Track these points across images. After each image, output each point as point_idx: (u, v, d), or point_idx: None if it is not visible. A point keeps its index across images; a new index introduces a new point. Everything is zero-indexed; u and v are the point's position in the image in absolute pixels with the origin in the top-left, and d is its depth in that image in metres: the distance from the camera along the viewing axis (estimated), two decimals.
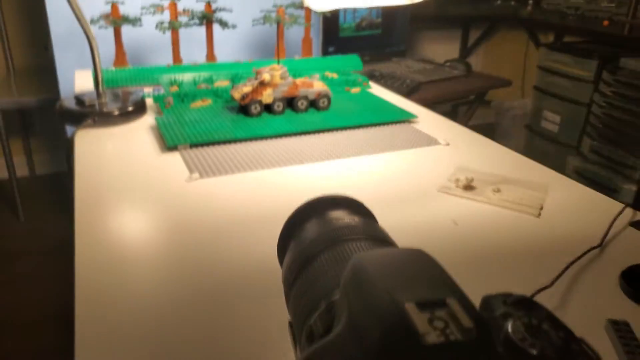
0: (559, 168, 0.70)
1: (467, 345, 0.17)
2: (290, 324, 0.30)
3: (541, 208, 0.59)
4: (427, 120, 0.89)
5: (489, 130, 2.65)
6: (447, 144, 0.78)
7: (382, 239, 0.29)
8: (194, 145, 0.72)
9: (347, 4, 0.51)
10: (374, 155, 0.73)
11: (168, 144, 0.70)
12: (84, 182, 0.62)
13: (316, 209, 0.33)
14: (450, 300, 0.19)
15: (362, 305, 0.19)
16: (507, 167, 0.70)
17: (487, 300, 0.22)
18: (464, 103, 2.18)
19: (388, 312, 0.18)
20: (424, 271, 0.21)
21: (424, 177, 0.67)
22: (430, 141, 0.78)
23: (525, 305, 0.21)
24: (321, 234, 0.30)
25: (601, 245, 0.51)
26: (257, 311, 0.41)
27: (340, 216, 0.32)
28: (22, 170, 2.16)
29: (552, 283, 0.43)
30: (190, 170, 0.65)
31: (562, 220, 0.57)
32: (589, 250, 0.50)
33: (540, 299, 0.43)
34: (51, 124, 2.15)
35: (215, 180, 0.63)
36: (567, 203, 0.61)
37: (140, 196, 0.59)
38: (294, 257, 0.30)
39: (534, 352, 0.18)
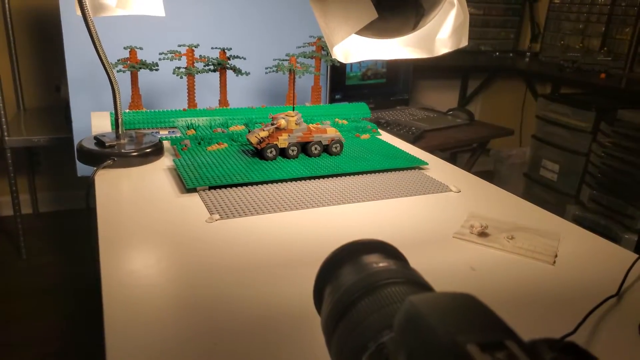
0: (559, 216, 0.72)
1: None
2: None
3: (555, 256, 0.60)
4: (437, 167, 0.91)
5: (487, 178, 2.69)
6: (459, 191, 0.80)
7: (420, 283, 0.30)
8: (213, 187, 0.74)
9: (371, 57, 0.54)
10: (387, 201, 0.74)
11: (187, 186, 0.72)
12: (106, 222, 0.63)
13: (349, 254, 0.34)
14: (509, 342, 0.20)
15: (422, 347, 0.20)
16: (517, 214, 0.72)
17: (533, 345, 0.23)
18: (464, 151, 2.23)
19: (452, 353, 0.19)
20: (477, 314, 0.22)
21: (438, 223, 0.68)
22: (442, 188, 0.80)
23: (572, 350, 0.22)
24: (360, 278, 0.31)
25: (618, 294, 0.52)
26: (286, 353, 0.42)
27: (376, 260, 0.33)
28: (26, 208, 2.16)
29: (575, 330, 0.44)
30: (211, 212, 0.66)
31: (577, 268, 0.58)
32: (607, 299, 0.50)
33: None
34: (57, 162, 2.18)
35: (235, 222, 0.64)
36: (580, 251, 0.63)
37: (162, 236, 0.60)
38: (333, 304, 0.31)
39: None
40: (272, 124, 0.84)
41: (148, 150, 0.84)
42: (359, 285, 0.30)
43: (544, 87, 2.83)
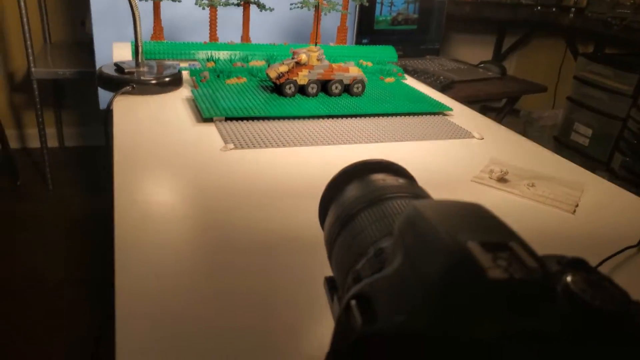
0: (585, 169, 0.69)
1: (532, 284, 0.17)
2: (326, 280, 0.30)
3: (576, 205, 0.58)
4: (462, 114, 0.88)
5: None
6: (482, 138, 0.77)
7: (427, 198, 0.29)
8: (229, 118, 0.73)
9: None
10: (406, 143, 0.72)
11: (204, 115, 0.71)
12: (123, 147, 0.63)
13: (358, 171, 0.33)
14: (513, 244, 0.18)
15: (421, 244, 0.19)
16: (542, 164, 0.69)
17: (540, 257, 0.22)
18: (493, 109, 2.15)
19: (450, 248, 0.18)
20: (483, 219, 0.20)
21: (457, 168, 0.66)
22: (465, 134, 0.77)
23: (580, 265, 0.21)
24: (364, 193, 0.29)
25: (638, 244, 0.50)
26: (289, 271, 0.41)
27: (382, 177, 0.31)
28: (52, 141, 2.21)
29: None
30: (225, 141, 0.65)
31: (598, 218, 0.56)
32: (626, 249, 0.48)
33: None
34: (82, 97, 2.20)
35: (249, 152, 0.64)
36: (603, 202, 0.60)
37: (177, 162, 0.60)
38: (337, 215, 0.30)
39: (596, 302, 0.18)
40: (293, 59, 0.81)
41: (167, 79, 0.83)
42: (363, 198, 0.28)
43: (586, 46, 2.68)
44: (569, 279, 0.19)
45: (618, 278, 0.45)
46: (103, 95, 1.51)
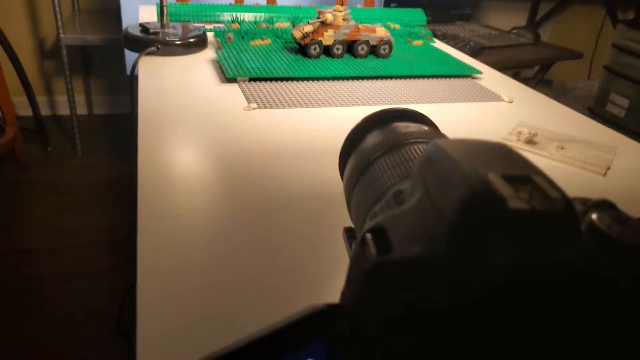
0: (620, 133, 0.66)
1: (554, 215, 0.16)
2: (345, 230, 0.30)
3: (608, 168, 0.56)
4: (491, 77, 0.85)
5: None
6: (511, 101, 0.74)
7: None
8: (253, 79, 0.72)
9: None
10: (434, 104, 0.70)
11: (228, 75, 0.71)
12: (147, 107, 0.63)
13: (380, 120, 0.32)
14: (536, 177, 0.18)
15: (441, 179, 0.19)
16: (573, 128, 0.67)
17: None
18: (525, 79, 2.08)
19: (471, 179, 0.17)
20: (507, 156, 0.20)
21: (485, 130, 0.64)
22: (494, 97, 0.75)
23: (608, 206, 0.20)
24: (385, 139, 0.29)
25: None
26: (310, 222, 0.42)
27: (405, 125, 0.31)
28: (81, 109, 2.25)
29: None
30: (249, 101, 0.65)
31: (630, 181, 0.54)
32: None
33: None
34: (110, 65, 2.22)
35: (272, 112, 0.63)
36: (636, 165, 0.58)
37: (200, 121, 0.60)
38: (356, 162, 0.29)
39: (623, 238, 0.17)
40: (318, 18, 0.80)
41: (192, 40, 0.82)
42: (383, 144, 0.28)
43: (626, 13, 2.54)
44: (594, 216, 0.19)
45: None
46: (130, 61, 1.52)
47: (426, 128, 0.29)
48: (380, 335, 0.17)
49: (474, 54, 1.34)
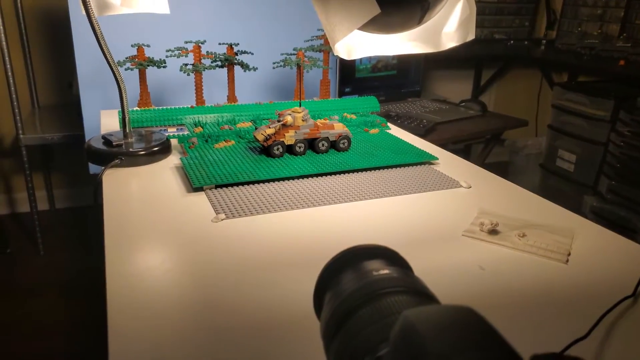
0: (576, 208, 0.70)
1: None
2: None
3: (569, 254, 0.59)
4: (447, 162, 0.89)
5: (503, 169, 2.65)
6: (469, 187, 0.78)
7: (421, 292, 0.29)
8: (219, 185, 0.73)
9: (374, 53, 0.53)
10: (395, 197, 0.73)
11: (194, 185, 0.71)
12: (113, 220, 0.63)
13: (351, 259, 0.33)
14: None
15: None
16: (530, 210, 0.70)
17: None
18: (478, 142, 2.19)
19: None
20: (474, 332, 0.21)
21: (448, 220, 0.67)
22: (452, 184, 0.79)
23: None
24: (360, 286, 0.30)
25: (634, 294, 0.50)
26: (286, 352, 0.41)
27: (377, 267, 0.32)
28: (42, 204, 2.20)
29: (588, 334, 0.43)
30: (217, 211, 0.66)
31: (591, 267, 0.57)
32: (622, 300, 0.49)
33: (575, 350, 0.42)
34: (71, 159, 2.20)
35: (241, 221, 0.64)
36: (595, 249, 0.61)
37: (168, 235, 0.60)
38: (332, 311, 0.30)
39: None
40: (279, 121, 0.83)
41: (155, 148, 0.84)
42: (358, 294, 0.29)
43: (561, 75, 2.77)
44: None
45: (618, 331, 0.46)
46: None
47: (396, 272, 0.31)
48: None
49: (428, 131, 1.42)
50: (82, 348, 1.39)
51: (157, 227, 0.62)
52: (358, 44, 0.52)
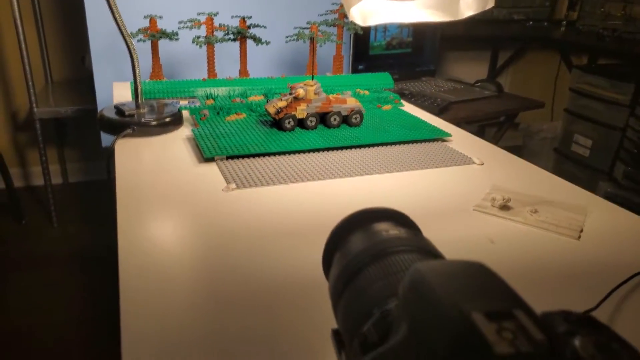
0: (587, 191, 0.69)
1: (539, 357, 0.17)
2: (333, 332, 0.30)
3: (581, 230, 0.58)
4: (460, 139, 0.88)
5: (516, 153, 2.62)
6: (482, 164, 0.77)
7: (431, 252, 0.29)
8: (230, 157, 0.73)
9: (390, 20, 0.52)
10: (407, 172, 0.72)
11: (205, 156, 0.71)
12: (125, 190, 0.63)
13: (361, 221, 0.33)
14: (517, 312, 0.18)
15: (425, 314, 0.19)
16: (543, 188, 0.69)
17: (547, 316, 0.22)
18: (492, 124, 2.16)
19: (455, 321, 0.18)
20: (486, 282, 0.20)
21: (459, 196, 0.66)
22: (465, 160, 0.78)
23: (589, 323, 0.21)
24: (368, 246, 0.30)
25: None
26: (296, 318, 0.41)
27: (386, 228, 0.32)
28: (56, 178, 2.22)
29: (597, 306, 0.42)
30: (227, 181, 0.66)
31: (604, 244, 0.56)
32: (634, 276, 0.48)
33: None
34: (84, 133, 2.22)
35: (251, 191, 0.64)
36: (608, 226, 0.60)
37: (179, 204, 0.60)
38: (341, 269, 0.30)
39: None
40: (291, 94, 0.82)
41: (167, 119, 0.84)
42: (367, 252, 0.29)
43: (580, 58, 2.71)
44: (577, 343, 0.19)
45: (627, 306, 0.45)
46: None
47: (405, 232, 0.30)
48: None
49: (441, 110, 1.40)
50: (95, 315, 1.42)
51: (168, 196, 0.62)
52: (374, 10, 0.51)
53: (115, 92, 1.11)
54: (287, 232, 0.55)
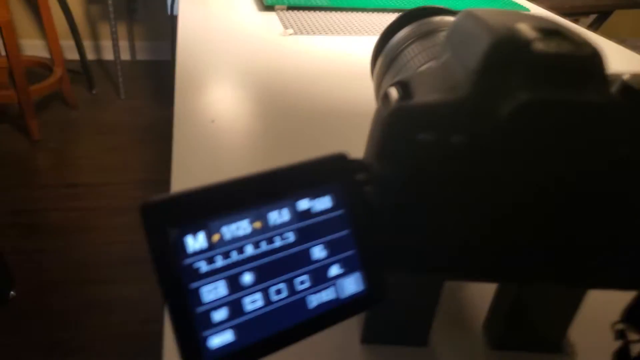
0: None
1: (580, 58, 0.16)
2: None
3: None
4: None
5: None
6: None
7: None
8: (291, 7, 0.72)
9: None
10: None
11: (266, 3, 0.70)
12: (186, 30, 0.64)
13: (415, 15, 0.31)
14: (567, 31, 0.17)
15: (467, 36, 0.19)
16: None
17: None
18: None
19: (496, 28, 0.17)
20: (543, 18, 0.19)
21: None
22: None
23: None
24: (415, 30, 0.29)
25: None
26: (340, 135, 0.42)
27: (440, 18, 0.30)
28: (124, 54, 2.30)
29: None
30: (285, 27, 0.65)
31: None
32: None
33: None
34: (153, 11, 2.24)
35: (308, 38, 0.63)
36: None
37: (238, 46, 0.61)
38: (387, 52, 0.29)
39: None
40: None
41: None
42: (413, 33, 0.28)
43: None
44: (626, 76, 0.18)
45: None
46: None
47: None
48: (396, 178, 0.17)
49: None
50: (152, 179, 1.53)
51: (228, 38, 0.63)
52: None
53: None
54: (339, 75, 0.55)
